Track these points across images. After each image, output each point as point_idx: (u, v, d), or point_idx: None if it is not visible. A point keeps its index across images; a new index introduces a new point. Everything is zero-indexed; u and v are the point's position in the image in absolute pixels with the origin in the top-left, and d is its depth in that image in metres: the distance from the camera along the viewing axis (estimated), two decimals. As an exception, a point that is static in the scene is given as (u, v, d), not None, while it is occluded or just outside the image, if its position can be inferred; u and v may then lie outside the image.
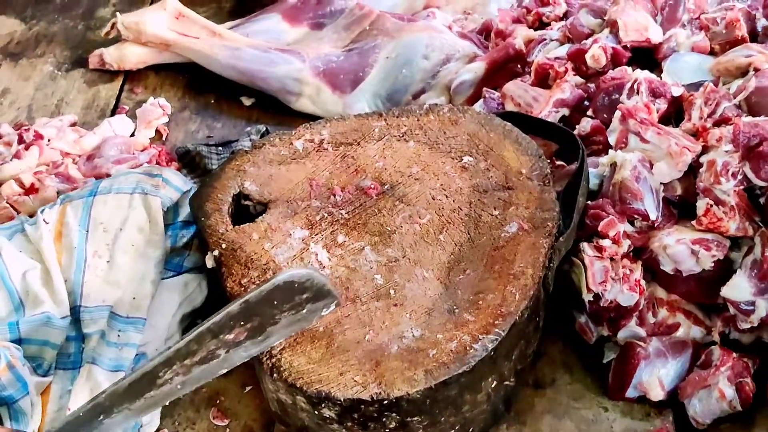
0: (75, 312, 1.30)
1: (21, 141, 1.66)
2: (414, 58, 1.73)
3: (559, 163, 1.46)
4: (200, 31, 1.86)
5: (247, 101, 1.83)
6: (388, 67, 1.74)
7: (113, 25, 1.87)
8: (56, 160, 1.64)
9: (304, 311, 1.10)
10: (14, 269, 1.30)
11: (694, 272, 1.30)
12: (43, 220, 1.35)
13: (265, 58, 1.79)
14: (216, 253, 1.30)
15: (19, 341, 1.24)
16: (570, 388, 1.34)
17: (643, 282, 1.31)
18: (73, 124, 1.77)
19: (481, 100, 1.61)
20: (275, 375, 1.16)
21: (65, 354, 1.28)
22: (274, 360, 1.17)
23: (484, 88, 1.63)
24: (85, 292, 1.31)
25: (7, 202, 1.54)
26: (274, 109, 1.80)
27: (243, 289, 1.25)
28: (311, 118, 1.70)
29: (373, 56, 1.75)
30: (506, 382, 1.24)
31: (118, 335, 1.29)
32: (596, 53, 1.52)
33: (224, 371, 1.11)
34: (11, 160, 1.62)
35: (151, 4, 2.04)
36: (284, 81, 1.77)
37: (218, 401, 1.35)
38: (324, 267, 1.27)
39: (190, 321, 1.42)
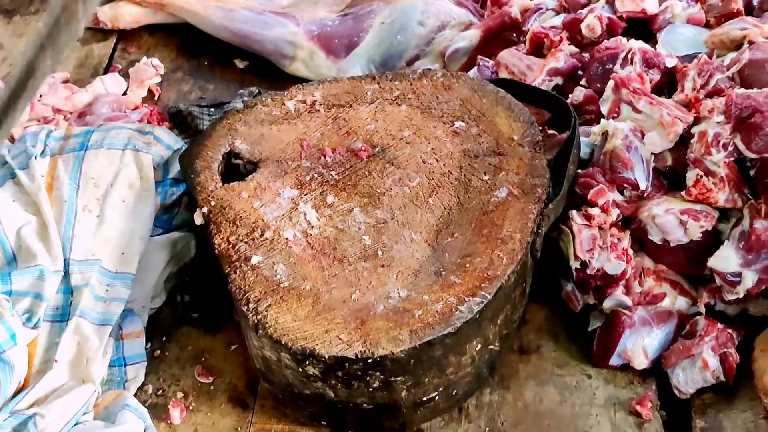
0: (64, 265, 1.29)
1: (12, 96, 1.65)
2: (409, 24, 1.72)
3: (551, 131, 1.46)
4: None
5: (240, 64, 1.83)
6: (383, 32, 1.73)
7: (94, 16, 1.86)
8: (47, 116, 1.64)
9: None
10: (9, 224, 1.30)
11: (681, 242, 1.31)
12: (39, 171, 1.34)
13: (260, 20, 1.78)
14: (205, 210, 1.30)
15: (9, 293, 1.23)
16: (555, 355, 1.34)
17: (630, 251, 1.32)
18: (66, 81, 1.76)
19: (476, 68, 1.61)
20: (260, 331, 1.16)
21: (53, 306, 1.28)
22: (259, 316, 1.17)
23: (479, 56, 1.63)
24: (74, 246, 1.30)
25: (-4, 156, 1.53)
26: (267, 73, 1.79)
27: (231, 246, 1.25)
28: (304, 81, 1.69)
29: (368, 21, 1.74)
30: (491, 347, 1.24)
31: (107, 289, 1.29)
32: (592, 23, 1.52)
33: None
34: (2, 114, 1.61)
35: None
36: (278, 44, 1.76)
37: (203, 359, 1.36)
38: (313, 227, 1.27)
39: (177, 279, 1.42)
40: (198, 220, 1.30)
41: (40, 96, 1.67)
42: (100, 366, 1.24)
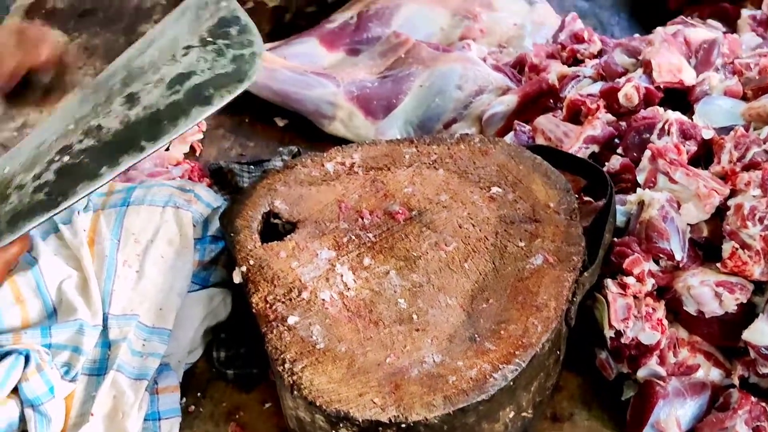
0: (103, 320, 1.31)
1: (58, 150, 1.69)
2: (447, 87, 1.75)
3: (586, 198, 1.47)
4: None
5: (280, 122, 1.86)
6: (422, 95, 1.76)
7: None
8: (91, 170, 1.67)
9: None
10: (51, 278, 1.32)
11: (716, 314, 1.31)
12: (81, 227, 1.37)
13: (301, 81, 1.82)
14: (243, 268, 1.31)
15: (49, 346, 1.26)
16: (587, 424, 1.34)
17: (665, 321, 1.32)
18: (110, 136, 1.80)
19: (512, 133, 1.63)
20: (295, 392, 1.17)
21: (91, 360, 1.30)
22: (294, 377, 1.18)
23: (516, 121, 1.65)
24: (113, 301, 1.33)
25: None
26: (306, 132, 1.82)
27: (268, 305, 1.27)
28: (343, 141, 1.73)
29: (408, 84, 1.77)
30: (524, 414, 1.24)
31: (143, 344, 1.31)
32: (629, 92, 1.53)
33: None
34: (48, 168, 1.65)
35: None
36: (318, 103, 1.79)
37: (237, 416, 1.36)
38: (349, 288, 1.28)
39: (212, 335, 1.43)
40: (236, 278, 1.32)
41: (85, 150, 1.70)
42: (136, 420, 1.26)
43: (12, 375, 1.19)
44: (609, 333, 1.31)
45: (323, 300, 1.27)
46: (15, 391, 1.21)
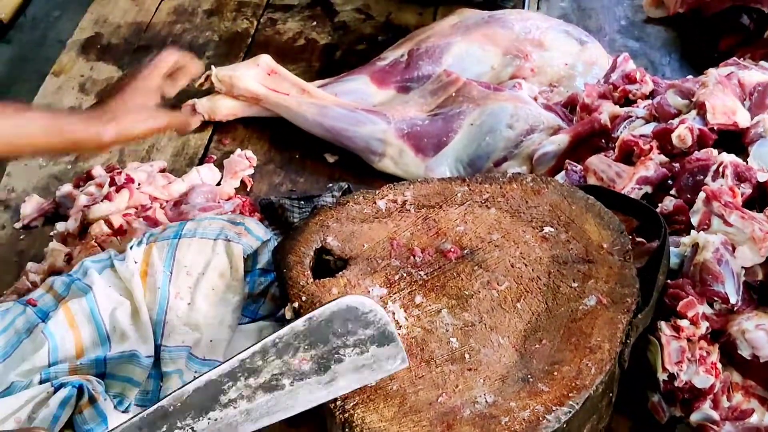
0: (156, 351, 1.33)
1: (112, 183, 1.72)
2: (498, 126, 1.76)
3: (639, 240, 1.46)
4: (290, 88, 1.92)
5: (330, 158, 1.87)
6: (472, 133, 1.76)
7: (207, 77, 1.93)
8: (145, 204, 1.69)
9: (369, 354, 1.13)
10: (104, 305, 1.34)
11: (772, 359, 1.29)
12: (133, 259, 1.39)
13: (351, 117, 1.83)
14: (296, 305, 1.32)
15: (102, 375, 1.27)
16: (640, 468, 1.32)
17: (719, 365, 1.30)
18: (163, 170, 1.83)
19: (563, 172, 1.63)
20: (347, 430, 1.17)
21: (143, 391, 1.31)
22: (347, 415, 1.18)
23: (567, 161, 1.64)
24: (166, 332, 1.34)
25: (95, 242, 1.59)
26: (356, 168, 1.84)
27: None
28: (392, 178, 1.74)
29: (458, 122, 1.78)
30: (576, 456, 1.23)
31: (195, 376, 1.32)
32: (683, 133, 1.53)
33: (288, 415, 1.12)
34: (102, 201, 1.68)
35: (244, 59, 2.10)
36: (368, 140, 1.80)
37: (287, 452, 1.37)
38: (401, 326, 1.28)
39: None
40: (288, 314, 1.32)
41: (139, 184, 1.73)
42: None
43: (66, 409, 1.21)
44: (662, 376, 1.30)
45: (375, 337, 1.27)
46: (70, 424, 1.22)
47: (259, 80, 1.92)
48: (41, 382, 1.25)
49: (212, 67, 1.94)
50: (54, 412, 1.20)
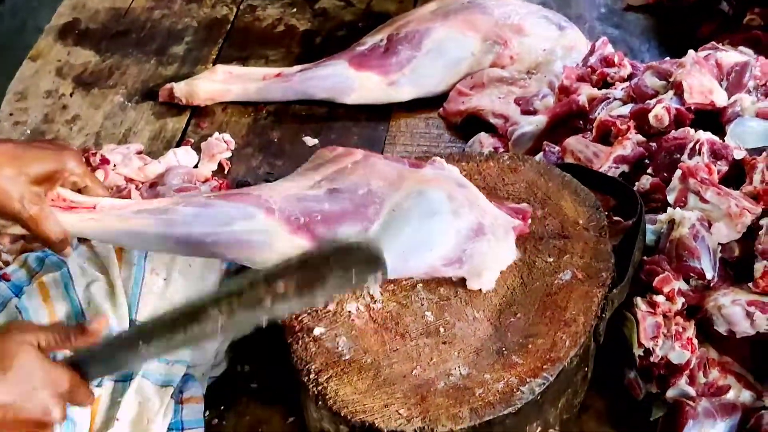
0: (129, 326, 1.31)
1: (88, 165, 1.70)
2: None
3: (616, 218, 1.46)
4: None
5: (310, 142, 1.86)
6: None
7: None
8: (120, 185, 1.68)
9: (352, 275, 1.09)
10: (78, 280, 1.33)
11: (748, 335, 1.28)
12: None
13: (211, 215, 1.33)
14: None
15: (75, 350, 1.26)
16: (616, 444, 1.32)
17: (695, 341, 1.30)
18: (139, 153, 1.81)
19: (541, 153, 1.62)
20: (320, 403, 1.16)
21: (116, 366, 1.29)
22: (320, 388, 1.17)
23: (545, 142, 1.64)
24: (140, 307, 1.33)
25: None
26: (334, 150, 1.82)
27: (294, 317, 1.26)
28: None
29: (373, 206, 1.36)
30: (551, 430, 1.23)
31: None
32: (659, 113, 1.52)
33: (263, 324, 1.10)
34: (77, 182, 1.66)
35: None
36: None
37: (260, 430, 1.35)
38: (376, 301, 1.28)
39: (236, 349, 1.43)
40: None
41: (114, 166, 1.71)
42: (161, 427, 1.25)
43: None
44: (638, 352, 1.30)
45: (349, 312, 1.27)
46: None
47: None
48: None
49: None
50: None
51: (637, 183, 1.48)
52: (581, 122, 1.67)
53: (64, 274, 1.32)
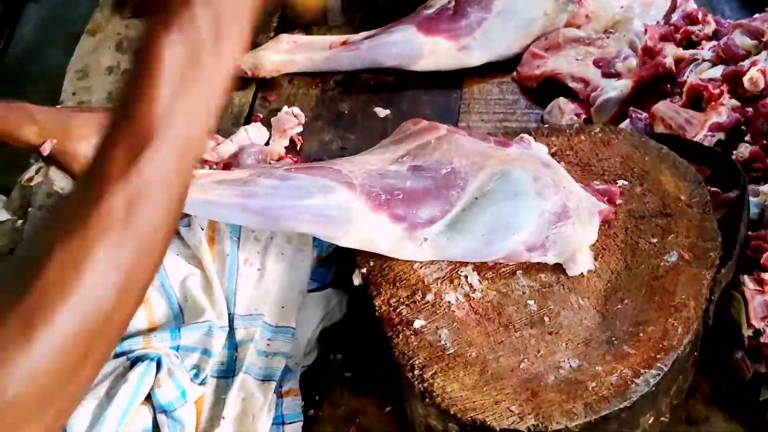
0: (229, 320, 1.29)
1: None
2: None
3: (713, 189, 1.40)
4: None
5: (381, 113, 1.81)
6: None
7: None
8: (194, 168, 1.65)
9: None
10: (174, 275, 1.30)
11: None
12: (199, 225, 1.34)
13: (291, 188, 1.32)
14: (364, 270, 1.28)
15: (177, 348, 1.24)
16: (725, 426, 1.28)
17: (807, 319, 1.25)
18: (209, 131, 1.77)
19: (627, 120, 1.56)
20: (427, 400, 1.13)
21: (218, 362, 1.27)
22: (426, 384, 1.14)
23: (631, 108, 1.58)
24: (237, 300, 1.30)
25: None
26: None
27: (392, 309, 1.23)
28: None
29: (456, 189, 1.58)
30: (662, 419, 1.20)
31: (268, 344, 1.28)
32: (755, 76, 1.46)
33: None
34: (152, 166, 1.63)
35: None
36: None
37: (357, 420, 1.33)
38: (475, 290, 1.24)
39: (328, 337, 1.40)
40: (356, 280, 1.28)
41: (187, 146, 1.68)
42: (266, 423, 1.23)
43: (144, 382, 1.18)
44: (747, 332, 1.25)
45: (449, 302, 1.23)
46: (147, 397, 1.19)
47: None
48: (115, 356, 1.21)
49: None
50: (134, 388, 1.17)
51: (735, 152, 1.42)
52: (668, 86, 1.60)
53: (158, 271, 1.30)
